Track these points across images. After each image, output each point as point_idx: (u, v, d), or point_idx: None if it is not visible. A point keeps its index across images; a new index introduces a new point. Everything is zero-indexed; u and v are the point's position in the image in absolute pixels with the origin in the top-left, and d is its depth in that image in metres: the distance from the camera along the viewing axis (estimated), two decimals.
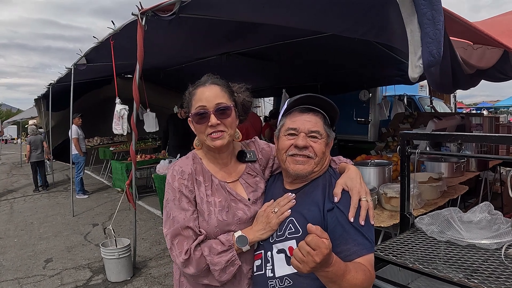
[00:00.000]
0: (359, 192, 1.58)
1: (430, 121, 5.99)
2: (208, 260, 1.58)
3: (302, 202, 1.65)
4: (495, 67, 3.87)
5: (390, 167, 4.24)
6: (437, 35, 1.81)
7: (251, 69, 8.91)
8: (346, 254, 1.49)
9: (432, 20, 1.79)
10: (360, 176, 1.67)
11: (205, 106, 1.66)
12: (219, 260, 1.58)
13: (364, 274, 1.43)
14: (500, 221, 2.23)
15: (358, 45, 6.22)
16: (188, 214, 1.65)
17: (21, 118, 25.69)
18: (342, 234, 1.52)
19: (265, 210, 1.68)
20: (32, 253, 6.25)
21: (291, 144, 1.66)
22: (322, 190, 1.65)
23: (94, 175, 13.93)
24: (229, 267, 1.60)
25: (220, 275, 1.60)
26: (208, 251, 1.59)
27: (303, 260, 1.28)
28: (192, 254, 1.58)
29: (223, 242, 1.61)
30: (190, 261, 1.59)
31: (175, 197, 1.68)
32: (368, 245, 1.52)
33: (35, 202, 10.17)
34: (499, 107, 26.22)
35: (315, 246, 1.25)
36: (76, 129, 9.96)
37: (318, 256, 1.25)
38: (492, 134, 2.14)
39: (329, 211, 1.57)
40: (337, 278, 1.36)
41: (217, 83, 1.72)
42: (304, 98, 1.68)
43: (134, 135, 5.05)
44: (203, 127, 1.69)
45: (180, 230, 1.62)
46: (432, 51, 1.83)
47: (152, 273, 5.25)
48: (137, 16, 4.24)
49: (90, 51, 6.40)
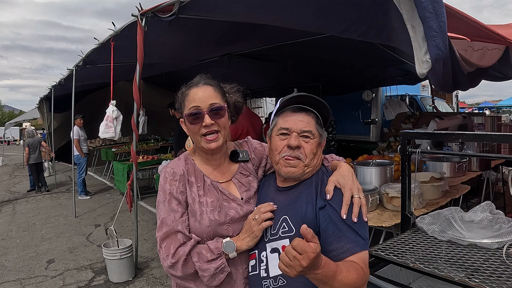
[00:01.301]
0: (351, 189, 1.57)
1: (432, 121, 5.97)
2: (197, 266, 1.59)
3: (296, 200, 1.65)
4: (495, 66, 3.87)
5: (392, 167, 4.23)
6: (442, 28, 1.79)
7: (253, 70, 8.91)
8: (339, 252, 1.48)
9: (434, 13, 1.78)
10: (353, 173, 1.66)
11: (199, 106, 1.67)
12: (208, 267, 1.58)
13: (357, 273, 1.42)
14: (501, 220, 2.22)
15: (360, 45, 6.21)
16: (177, 216, 1.65)
17: (23, 120, 25.75)
18: (334, 231, 1.51)
19: (249, 217, 1.69)
20: (34, 254, 6.26)
21: (284, 145, 1.65)
22: (315, 188, 1.64)
23: (97, 176, 13.96)
24: (218, 274, 1.60)
25: (209, 281, 1.60)
26: (197, 258, 1.59)
27: (290, 264, 1.26)
28: (180, 258, 1.58)
29: (212, 250, 1.60)
30: (177, 265, 1.59)
31: (165, 199, 1.68)
32: (362, 242, 1.51)
33: (37, 203, 10.19)
34: (501, 107, 26.17)
35: (301, 250, 1.23)
36: (77, 130, 9.98)
37: (305, 261, 1.23)
38: (493, 133, 2.13)
39: (321, 209, 1.56)
40: (328, 280, 1.34)
41: (210, 84, 1.73)
42: (296, 97, 1.68)
43: (135, 136, 5.06)
44: (197, 127, 1.69)
45: (168, 233, 1.62)
46: (438, 44, 1.81)
47: (154, 274, 5.25)
48: (137, 17, 4.25)
49: (91, 52, 6.41)
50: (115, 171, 10.41)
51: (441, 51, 1.82)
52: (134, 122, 4.91)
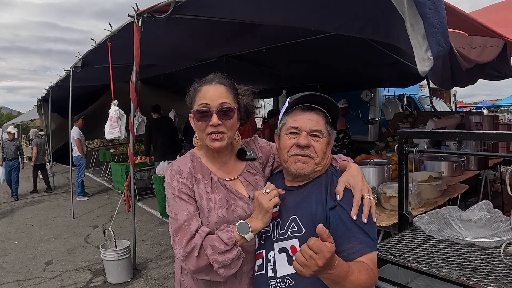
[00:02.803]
0: (362, 189, 1.57)
1: (430, 120, 5.97)
2: (212, 259, 1.55)
3: (305, 200, 1.64)
4: (493, 64, 3.87)
5: (390, 166, 4.22)
6: (442, 24, 1.78)
7: (250, 71, 8.90)
8: (349, 253, 1.48)
9: (434, 9, 1.76)
10: (362, 173, 1.65)
11: (208, 104, 1.65)
12: (223, 259, 1.54)
13: (367, 274, 1.42)
14: (499, 219, 2.22)
15: (357, 45, 6.22)
16: (191, 210, 1.63)
17: (21, 121, 25.74)
18: (345, 232, 1.51)
19: (256, 197, 1.62)
20: (33, 256, 6.25)
21: (293, 144, 1.64)
22: (325, 188, 1.64)
23: (95, 177, 13.93)
24: (234, 262, 1.58)
25: (226, 271, 1.57)
26: (211, 251, 1.55)
27: (305, 264, 1.26)
28: (193, 250, 1.55)
29: (226, 241, 1.56)
30: (190, 258, 1.56)
31: (174, 195, 1.66)
32: (371, 243, 1.51)
33: (35, 205, 10.18)
34: (499, 106, 26.20)
35: (317, 250, 1.23)
36: (78, 130, 9.99)
37: (321, 260, 1.23)
38: (491, 131, 2.14)
39: (331, 209, 1.56)
40: (340, 280, 1.34)
41: (223, 83, 1.71)
42: (306, 96, 1.66)
43: (132, 137, 5.05)
44: (203, 125, 1.67)
45: (182, 226, 1.60)
46: (439, 40, 1.80)
47: (152, 275, 5.24)
48: (133, 17, 4.24)
49: (88, 53, 6.40)
50: (113, 172, 10.39)
51: (442, 48, 1.81)
52: (131, 122, 4.90)
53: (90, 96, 13.09)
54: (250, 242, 1.64)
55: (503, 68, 4.62)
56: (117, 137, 5.67)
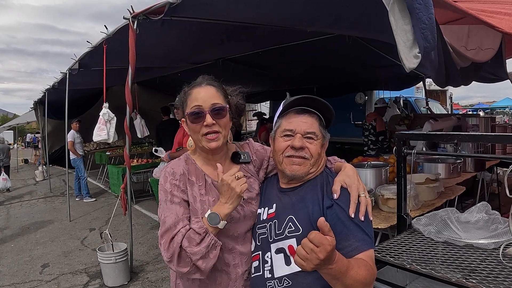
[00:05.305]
0: (358, 188, 1.60)
1: (427, 122, 5.98)
2: (189, 253, 1.53)
3: (301, 200, 1.66)
4: (488, 65, 3.88)
5: (387, 168, 4.23)
6: (431, 20, 1.77)
7: (246, 74, 8.91)
8: (347, 250, 1.49)
9: (423, 4, 1.76)
10: (357, 173, 1.68)
11: (200, 106, 1.67)
12: (198, 249, 1.53)
13: (367, 270, 1.44)
14: (497, 221, 2.22)
15: (353, 47, 6.23)
16: (180, 213, 1.63)
17: (17, 123, 25.67)
18: (342, 230, 1.52)
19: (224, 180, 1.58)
20: (29, 258, 6.21)
21: (287, 146, 1.66)
22: (320, 188, 1.66)
23: (91, 179, 13.86)
24: (211, 251, 1.56)
25: (204, 263, 1.55)
26: (187, 243, 1.54)
27: (306, 257, 1.27)
28: (174, 252, 1.54)
29: (197, 231, 1.55)
30: (172, 260, 1.55)
31: (166, 198, 1.68)
32: (369, 240, 1.53)
33: (31, 207, 10.13)
34: (495, 108, 26.32)
35: (318, 243, 1.25)
36: (73, 133, 9.98)
37: (322, 253, 1.25)
38: (488, 133, 2.14)
39: (329, 208, 1.58)
40: (341, 275, 1.36)
41: (212, 84, 1.74)
42: (300, 99, 1.69)
43: (128, 139, 5.04)
44: (198, 126, 1.69)
45: (168, 229, 1.59)
46: (427, 36, 1.80)
47: (149, 277, 5.22)
48: (128, 20, 4.24)
49: (84, 56, 6.39)
50: (110, 174, 10.35)
51: (429, 44, 1.81)
52: (127, 125, 4.89)
53: (88, 99, 13.08)
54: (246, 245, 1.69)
55: (498, 71, 4.63)
56: (105, 140, 5.62)
